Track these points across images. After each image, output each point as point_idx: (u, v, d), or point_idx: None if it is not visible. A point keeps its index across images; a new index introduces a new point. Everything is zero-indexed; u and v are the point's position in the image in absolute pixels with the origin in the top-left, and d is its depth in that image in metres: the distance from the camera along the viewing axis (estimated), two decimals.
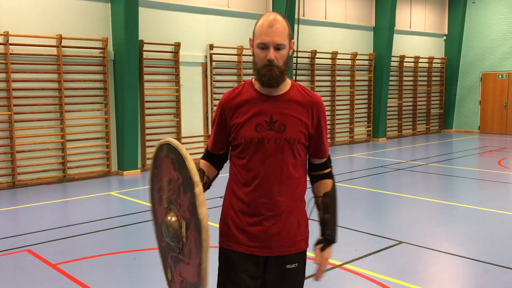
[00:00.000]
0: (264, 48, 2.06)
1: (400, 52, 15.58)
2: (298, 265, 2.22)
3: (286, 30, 2.08)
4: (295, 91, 2.18)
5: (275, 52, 2.05)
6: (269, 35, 2.04)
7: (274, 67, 2.06)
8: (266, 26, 2.05)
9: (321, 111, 2.19)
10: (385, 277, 4.30)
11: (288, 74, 2.16)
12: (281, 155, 2.12)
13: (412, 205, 7.03)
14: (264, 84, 2.10)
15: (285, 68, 2.11)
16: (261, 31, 2.06)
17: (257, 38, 2.07)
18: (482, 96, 16.70)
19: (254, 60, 2.12)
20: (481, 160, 11.29)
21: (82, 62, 9.06)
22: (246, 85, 2.21)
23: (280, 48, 2.06)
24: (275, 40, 2.04)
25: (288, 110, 2.13)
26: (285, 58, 2.10)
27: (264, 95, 2.15)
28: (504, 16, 15.95)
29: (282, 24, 2.06)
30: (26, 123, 8.46)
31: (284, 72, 2.11)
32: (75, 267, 4.61)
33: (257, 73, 2.11)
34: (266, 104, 2.13)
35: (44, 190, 8.24)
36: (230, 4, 11.27)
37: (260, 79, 2.10)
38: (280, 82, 2.11)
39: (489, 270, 4.50)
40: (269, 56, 2.05)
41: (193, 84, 10.69)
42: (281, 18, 2.08)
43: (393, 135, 15.65)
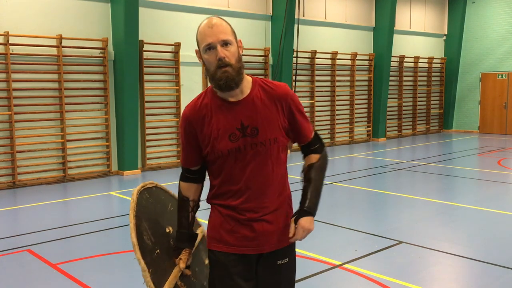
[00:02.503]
0: (211, 49, 1.99)
1: (400, 52, 15.59)
2: (289, 259, 2.20)
3: (228, 28, 2.02)
4: (258, 89, 2.11)
5: (223, 49, 1.98)
6: (212, 35, 1.98)
7: (227, 67, 1.98)
8: (207, 27, 1.99)
9: (289, 100, 2.13)
10: (385, 277, 4.30)
11: (287, 74, 2.15)
12: (260, 159, 2.09)
13: (412, 205, 7.03)
14: (223, 88, 2.01)
15: (239, 65, 2.02)
16: (203, 33, 2.00)
17: (202, 42, 2.01)
18: (482, 96, 16.70)
19: (206, 69, 2.05)
20: (481, 160, 11.29)
21: (82, 62, 9.06)
22: (208, 93, 2.13)
23: (227, 44, 1.99)
24: (219, 37, 1.98)
25: (256, 112, 2.08)
26: (237, 56, 2.02)
27: (229, 101, 2.08)
28: (504, 16, 15.95)
29: (222, 22, 2.01)
30: (26, 123, 8.46)
31: (240, 71, 2.02)
32: (75, 267, 4.61)
33: (212, 80, 2.03)
34: (233, 111, 2.06)
35: (44, 190, 8.23)
36: (230, 4, 11.27)
37: (217, 84, 2.01)
38: (238, 82, 2.03)
39: (489, 270, 4.51)
40: (218, 54, 1.97)
41: (193, 84, 10.69)
42: (220, 18, 2.03)
43: (393, 135, 15.65)
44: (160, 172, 9.78)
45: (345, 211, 6.81)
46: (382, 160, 11.14)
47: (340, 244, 5.30)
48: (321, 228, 5.79)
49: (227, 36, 1.99)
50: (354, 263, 4.66)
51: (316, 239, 5.30)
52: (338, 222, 6.07)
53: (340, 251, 5.02)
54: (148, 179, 9.16)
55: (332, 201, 7.24)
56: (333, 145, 13.74)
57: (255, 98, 2.09)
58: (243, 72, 2.07)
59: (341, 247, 5.19)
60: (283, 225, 2.17)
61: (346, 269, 4.51)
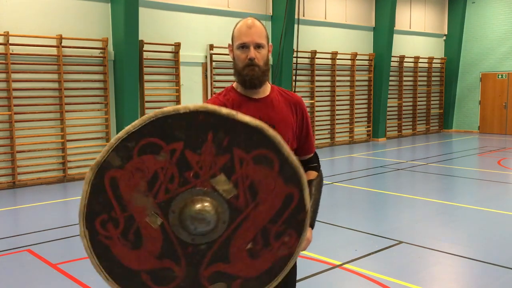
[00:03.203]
0: (244, 48, 2.10)
1: (400, 52, 15.59)
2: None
3: (264, 32, 2.14)
4: (276, 93, 2.23)
5: (255, 51, 2.09)
6: (248, 35, 2.09)
7: (255, 67, 2.09)
8: (245, 27, 2.10)
9: (303, 109, 2.26)
10: (385, 277, 4.30)
11: (287, 74, 2.17)
12: None
13: (412, 205, 7.03)
14: (246, 85, 2.12)
15: (266, 68, 2.14)
16: (241, 32, 2.11)
17: (237, 39, 2.13)
18: (482, 96, 16.70)
19: (235, 63, 2.16)
20: (481, 160, 11.29)
21: (82, 62, 9.06)
22: (228, 90, 2.23)
23: (260, 47, 2.10)
24: (254, 39, 2.09)
25: (274, 111, 2.17)
26: (265, 59, 2.14)
27: (249, 97, 2.17)
28: (504, 16, 15.95)
29: (260, 26, 2.13)
30: (26, 123, 8.46)
31: (265, 73, 2.14)
32: (75, 267, 4.61)
33: (238, 75, 2.13)
34: (253, 107, 2.15)
35: (44, 190, 8.23)
36: (230, 4, 11.27)
37: (242, 80, 2.12)
38: (262, 82, 2.14)
39: (489, 270, 4.51)
40: (250, 55, 2.08)
41: (193, 84, 10.69)
42: (258, 22, 2.15)
43: (393, 135, 15.65)
44: None
45: (345, 211, 6.81)
46: (382, 160, 11.14)
47: (340, 244, 5.30)
48: (321, 228, 5.78)
49: (261, 39, 2.11)
50: (354, 263, 4.66)
51: (316, 239, 5.30)
52: (338, 222, 6.07)
53: (340, 251, 5.02)
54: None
55: (332, 201, 7.24)
56: (333, 145, 13.74)
57: (274, 99, 2.20)
58: (268, 74, 2.18)
59: (341, 247, 5.19)
60: None
61: (346, 269, 4.51)
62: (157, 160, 1.61)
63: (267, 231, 1.71)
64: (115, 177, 1.62)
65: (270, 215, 1.69)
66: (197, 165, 1.62)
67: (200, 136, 1.61)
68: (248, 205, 1.67)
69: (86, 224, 1.65)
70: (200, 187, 1.63)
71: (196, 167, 1.62)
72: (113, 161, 1.61)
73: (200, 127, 1.61)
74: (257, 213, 1.68)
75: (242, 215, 1.68)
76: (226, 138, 1.62)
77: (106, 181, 1.62)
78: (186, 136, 1.60)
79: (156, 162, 1.61)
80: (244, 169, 1.64)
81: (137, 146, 1.60)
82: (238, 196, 1.66)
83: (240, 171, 1.64)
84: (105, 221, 1.65)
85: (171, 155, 1.61)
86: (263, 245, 1.72)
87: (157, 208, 1.64)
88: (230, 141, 1.62)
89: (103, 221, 1.65)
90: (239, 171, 1.65)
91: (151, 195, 1.63)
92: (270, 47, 2.19)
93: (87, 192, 1.63)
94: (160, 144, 1.60)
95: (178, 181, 1.63)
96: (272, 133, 1.65)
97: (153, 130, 1.59)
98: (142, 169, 1.61)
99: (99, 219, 1.65)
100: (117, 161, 1.61)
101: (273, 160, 1.66)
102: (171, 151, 1.61)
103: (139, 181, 1.62)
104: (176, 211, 1.64)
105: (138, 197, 1.63)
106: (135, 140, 1.59)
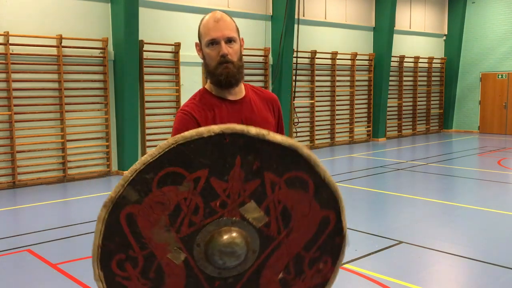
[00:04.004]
0: (214, 44, 1.92)
1: (400, 52, 15.59)
2: None
3: (234, 24, 1.96)
4: (251, 92, 2.09)
5: (227, 46, 1.91)
6: (217, 30, 1.90)
7: (229, 63, 1.92)
8: (213, 21, 1.92)
9: (278, 103, 2.16)
10: (385, 277, 4.30)
11: (288, 74, 2.15)
12: None
13: (412, 205, 7.03)
14: (222, 84, 1.94)
15: (241, 64, 1.96)
16: (208, 27, 1.92)
17: (205, 36, 1.94)
18: (482, 96, 16.70)
19: (205, 63, 1.98)
20: (481, 160, 11.29)
21: (82, 62, 9.06)
22: (202, 93, 2.04)
23: (231, 41, 1.93)
24: (225, 33, 1.91)
25: (254, 112, 2.04)
26: (239, 54, 1.96)
27: (227, 100, 2.00)
28: (504, 16, 15.95)
29: (229, 19, 1.95)
30: (26, 123, 8.46)
31: (240, 69, 1.96)
32: (75, 267, 4.61)
33: (211, 76, 1.96)
34: (232, 110, 2.00)
35: (44, 190, 8.24)
36: (230, 4, 11.27)
37: (216, 80, 1.95)
38: (238, 79, 1.97)
39: (489, 270, 4.51)
40: (221, 51, 1.90)
41: (193, 84, 10.69)
42: (225, 14, 1.98)
43: (393, 135, 15.65)
44: None
45: (345, 211, 6.80)
46: (382, 160, 11.14)
47: None
48: None
49: (232, 33, 1.93)
50: (354, 263, 4.66)
51: None
52: None
53: None
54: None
55: None
56: (333, 145, 13.74)
57: (252, 99, 2.07)
58: (243, 71, 2.01)
59: None
60: None
61: (346, 269, 4.51)
62: (180, 191, 1.45)
63: (301, 258, 1.58)
64: (132, 214, 1.46)
65: (304, 241, 1.57)
66: (224, 193, 1.48)
67: (227, 161, 1.46)
68: (281, 232, 1.54)
69: (101, 266, 1.49)
70: (227, 217, 1.49)
71: (223, 195, 1.48)
72: (129, 196, 1.44)
73: (227, 151, 1.45)
74: (290, 240, 1.56)
75: (274, 243, 1.54)
76: (256, 162, 1.47)
77: (122, 218, 1.46)
78: (211, 162, 1.45)
79: (178, 193, 1.45)
80: (276, 194, 1.51)
81: (156, 178, 1.43)
82: (270, 223, 1.52)
83: (271, 196, 1.51)
84: (122, 261, 1.49)
85: (195, 184, 1.45)
86: (296, 274, 1.59)
87: (180, 243, 1.49)
88: (260, 164, 1.48)
89: (120, 261, 1.49)
90: (271, 197, 1.51)
91: (173, 229, 1.48)
92: (242, 41, 2.01)
93: (101, 231, 1.49)
94: (182, 173, 1.44)
95: (203, 212, 1.48)
96: (307, 152, 1.51)
97: (174, 159, 1.43)
98: (162, 202, 1.46)
99: (116, 259, 1.49)
100: (134, 195, 1.44)
101: (307, 182, 1.53)
102: (195, 179, 1.45)
103: (160, 215, 1.46)
104: (202, 244, 1.49)
105: (159, 233, 1.48)
106: (153, 171, 1.43)
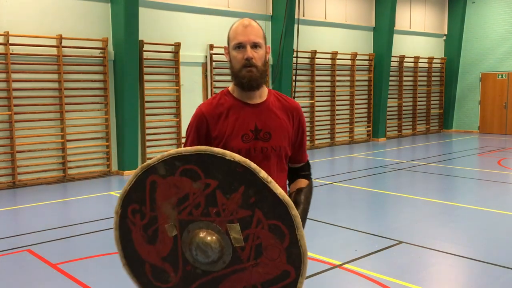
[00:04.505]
0: (241, 48, 2.04)
1: (400, 52, 15.59)
2: None
3: (261, 31, 2.08)
4: (273, 98, 2.17)
5: (253, 51, 2.03)
6: (245, 35, 2.03)
7: (253, 67, 2.03)
8: (241, 27, 2.04)
9: (300, 116, 2.20)
10: (385, 277, 4.30)
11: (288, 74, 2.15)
12: (268, 164, 2.10)
13: (412, 205, 7.03)
14: (244, 87, 2.06)
15: (264, 69, 2.08)
16: (237, 32, 2.05)
17: (233, 40, 2.06)
18: (482, 96, 16.70)
19: (231, 65, 2.09)
20: (481, 160, 11.29)
21: (82, 62, 9.06)
22: (223, 94, 2.17)
23: (257, 47, 2.04)
24: (251, 38, 2.03)
25: (271, 117, 2.11)
26: (263, 59, 2.07)
27: (245, 103, 2.11)
28: (504, 16, 15.95)
29: (256, 25, 2.08)
30: (26, 123, 8.46)
31: (263, 75, 2.07)
32: (75, 267, 4.61)
33: (235, 77, 2.08)
34: (249, 113, 2.10)
35: (44, 190, 8.24)
36: (230, 4, 11.27)
37: (239, 82, 2.07)
38: (260, 83, 2.08)
39: (489, 270, 4.51)
40: (246, 54, 2.02)
41: (193, 84, 10.70)
42: (254, 21, 2.09)
43: (393, 135, 15.65)
44: None
45: (345, 211, 6.81)
46: (382, 160, 11.14)
47: (340, 244, 5.30)
48: (321, 228, 5.79)
49: (258, 39, 2.05)
50: (354, 263, 4.66)
51: (316, 239, 5.30)
52: (338, 222, 6.07)
53: (340, 251, 5.02)
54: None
55: (332, 201, 7.24)
56: (333, 145, 13.73)
57: (271, 105, 2.14)
58: (266, 76, 2.12)
59: (341, 247, 5.19)
60: None
61: (346, 269, 4.51)
62: (192, 186, 1.82)
63: None
64: (156, 182, 1.87)
65: (264, 279, 1.82)
66: (221, 206, 1.80)
67: (233, 185, 1.78)
68: (250, 260, 1.82)
69: (122, 205, 1.94)
70: (217, 224, 1.81)
71: (220, 207, 1.80)
72: (159, 169, 1.86)
73: (237, 177, 1.77)
74: (254, 271, 1.82)
75: (241, 265, 1.82)
76: (253, 197, 1.77)
77: (148, 181, 1.88)
78: (222, 178, 1.79)
79: (191, 187, 1.82)
80: (258, 230, 1.79)
81: (182, 167, 1.82)
82: (244, 248, 1.81)
83: (254, 229, 1.79)
84: (135, 211, 1.93)
85: (205, 187, 1.80)
86: None
87: (177, 222, 1.87)
88: (256, 201, 1.77)
89: (134, 210, 1.93)
90: (253, 230, 1.79)
91: (177, 210, 1.86)
92: (268, 48, 2.13)
93: (131, 182, 1.91)
94: (200, 175, 1.81)
95: (201, 210, 1.82)
96: (295, 213, 1.77)
97: (199, 161, 1.80)
98: (178, 186, 1.84)
99: (132, 206, 1.93)
100: (162, 171, 1.85)
101: (285, 236, 1.78)
102: (206, 184, 1.80)
103: (172, 195, 1.85)
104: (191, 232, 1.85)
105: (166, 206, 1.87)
106: (182, 162, 1.82)
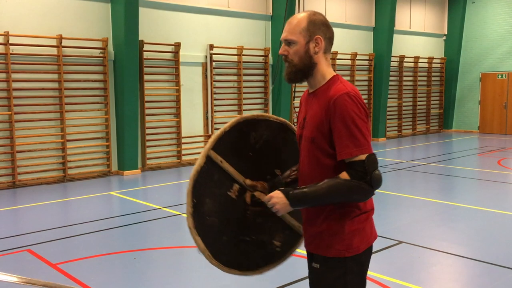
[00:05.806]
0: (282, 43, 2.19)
1: (400, 52, 15.59)
2: (320, 266, 2.14)
3: (298, 27, 2.08)
4: (325, 87, 2.09)
5: (285, 48, 2.13)
6: (284, 32, 2.15)
7: (287, 63, 2.14)
8: (286, 23, 2.16)
9: (336, 106, 1.98)
10: (385, 277, 4.30)
11: None
12: (305, 153, 2.15)
13: (412, 205, 7.03)
14: (286, 80, 2.21)
15: (299, 63, 2.10)
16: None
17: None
18: (481, 96, 16.70)
19: None
20: (481, 160, 11.29)
21: (82, 62, 9.06)
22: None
23: (290, 44, 2.11)
24: (285, 36, 2.13)
25: (312, 107, 2.13)
26: (300, 54, 2.09)
27: (308, 93, 2.23)
28: (504, 16, 15.95)
29: (294, 21, 2.10)
30: (26, 123, 8.46)
31: (300, 69, 2.10)
32: (75, 267, 4.61)
33: None
34: (307, 100, 2.22)
35: (44, 190, 8.24)
36: (230, 4, 11.27)
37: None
38: (295, 78, 2.15)
39: (489, 270, 4.51)
40: (280, 51, 2.15)
41: (193, 84, 10.69)
42: (303, 14, 2.10)
43: (393, 135, 15.65)
44: (160, 172, 9.79)
45: None
46: (382, 160, 11.14)
47: None
48: None
49: (291, 36, 2.10)
50: None
51: None
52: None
53: None
54: (148, 179, 9.17)
55: None
56: None
57: (320, 93, 2.12)
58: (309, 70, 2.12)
59: None
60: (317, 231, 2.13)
61: None
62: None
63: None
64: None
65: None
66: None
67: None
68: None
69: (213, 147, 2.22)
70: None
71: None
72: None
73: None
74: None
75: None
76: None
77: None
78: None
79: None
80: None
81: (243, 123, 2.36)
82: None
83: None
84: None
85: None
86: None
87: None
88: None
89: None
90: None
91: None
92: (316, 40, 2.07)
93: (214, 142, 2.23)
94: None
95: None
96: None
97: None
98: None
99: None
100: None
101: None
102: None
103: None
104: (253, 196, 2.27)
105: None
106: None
